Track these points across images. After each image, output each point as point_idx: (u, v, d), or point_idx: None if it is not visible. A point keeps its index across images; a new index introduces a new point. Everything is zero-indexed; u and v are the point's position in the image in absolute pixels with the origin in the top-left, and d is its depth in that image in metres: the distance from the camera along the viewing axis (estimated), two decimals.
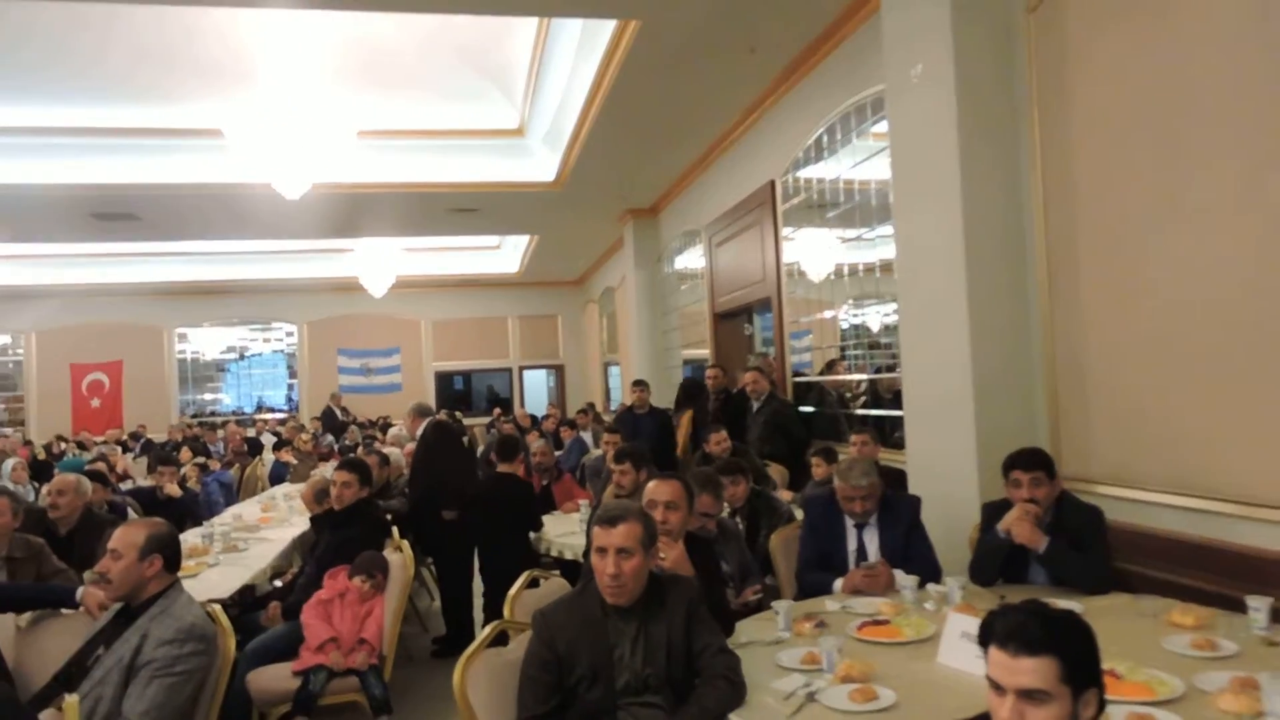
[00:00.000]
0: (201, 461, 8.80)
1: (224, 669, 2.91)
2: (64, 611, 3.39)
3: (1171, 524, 3.29)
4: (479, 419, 15.84)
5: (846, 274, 6.12)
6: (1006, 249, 3.98)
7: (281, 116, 6.49)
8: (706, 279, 9.08)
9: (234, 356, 17.57)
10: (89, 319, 16.15)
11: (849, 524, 3.57)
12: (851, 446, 5.17)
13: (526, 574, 3.34)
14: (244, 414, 17.21)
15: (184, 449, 9.78)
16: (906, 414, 4.52)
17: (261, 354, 17.74)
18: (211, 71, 7.51)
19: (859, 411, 6.09)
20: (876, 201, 5.50)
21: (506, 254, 16.10)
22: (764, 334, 8.39)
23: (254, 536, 5.62)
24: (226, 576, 4.57)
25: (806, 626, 2.85)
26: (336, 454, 10.51)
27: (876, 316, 5.92)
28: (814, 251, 6.67)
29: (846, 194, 5.94)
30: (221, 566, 4.80)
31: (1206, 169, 3.05)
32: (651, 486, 3.12)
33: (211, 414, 17.04)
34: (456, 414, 12.84)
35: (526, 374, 18.50)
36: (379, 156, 8.93)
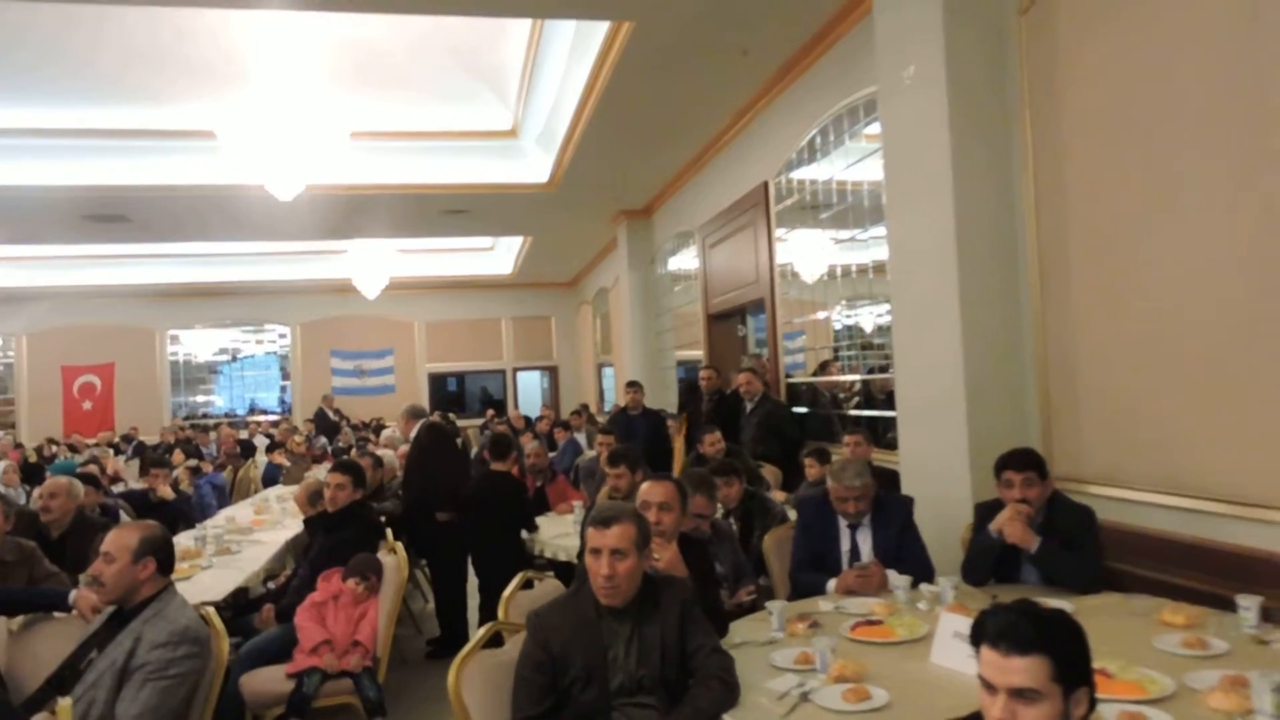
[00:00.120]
0: (194, 464, 8.78)
1: (217, 672, 2.91)
2: (56, 615, 3.38)
3: (1162, 523, 3.31)
4: (472, 420, 15.83)
5: (839, 275, 6.13)
6: (998, 250, 4.00)
7: (274, 118, 6.47)
8: (700, 280, 9.08)
9: (226, 358, 17.51)
10: (80, 321, 16.08)
11: (842, 524, 3.58)
12: (845, 447, 5.18)
13: (521, 575, 3.35)
14: (236, 416, 17.15)
15: (176, 451, 9.75)
16: (899, 414, 4.53)
17: (254, 356, 17.68)
18: (203, 72, 7.49)
19: (852, 412, 6.11)
20: (869, 203, 5.51)
21: (500, 255, 16.08)
22: (757, 335, 8.41)
23: (247, 539, 5.62)
24: (219, 579, 4.57)
25: (800, 627, 2.86)
26: (330, 456, 10.49)
27: (869, 317, 5.93)
28: (807, 253, 6.68)
29: (839, 195, 5.95)
30: (214, 569, 4.79)
31: (1196, 170, 3.07)
32: (645, 488, 3.13)
33: (204, 416, 16.98)
34: (450, 415, 12.83)
35: (520, 375, 18.49)
36: (372, 158, 8.92)
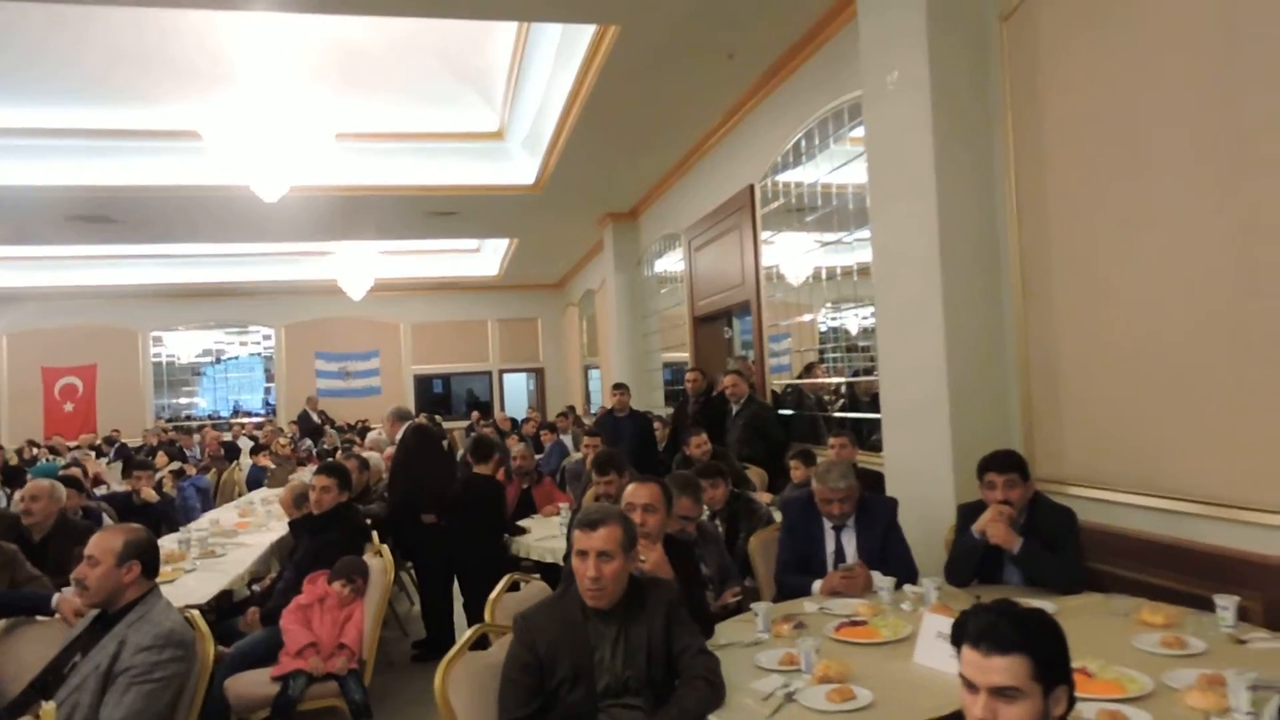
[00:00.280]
0: (177, 467, 8.73)
1: (202, 675, 2.90)
2: (39, 618, 3.36)
3: (1141, 524, 3.35)
4: (458, 422, 15.78)
5: (825, 277, 6.17)
6: (981, 254, 4.04)
7: (259, 119, 6.46)
8: (686, 282, 9.11)
9: (210, 360, 17.39)
10: (62, 322, 15.94)
11: (827, 526, 3.60)
12: (830, 449, 5.21)
13: (507, 577, 3.36)
14: (220, 418, 17.03)
15: (159, 454, 9.68)
16: (883, 417, 4.56)
17: (238, 357, 17.57)
18: (188, 73, 7.45)
19: (837, 414, 6.14)
20: (854, 206, 5.55)
21: (486, 257, 16.06)
22: (743, 337, 8.44)
23: (231, 542, 5.59)
24: (204, 582, 4.55)
25: (785, 628, 2.88)
26: (315, 458, 10.45)
27: (854, 320, 5.97)
28: (793, 255, 6.72)
29: (825, 198, 5.98)
30: (199, 572, 4.76)
31: (1176, 176, 3.10)
32: (630, 490, 3.14)
33: (187, 418, 16.86)
34: (437, 417, 12.80)
35: (506, 377, 18.45)
36: (357, 159, 8.90)
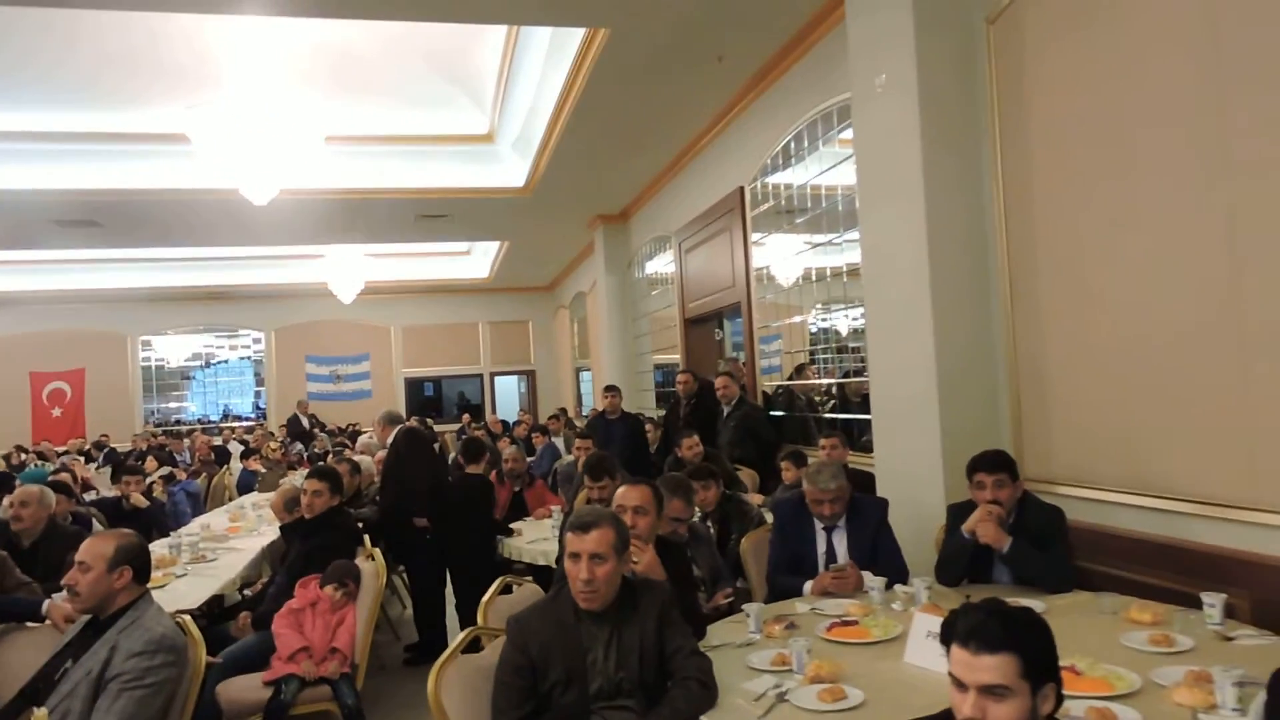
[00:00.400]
0: (167, 471, 8.69)
1: (194, 680, 2.90)
2: (29, 625, 3.34)
3: (1130, 523, 3.37)
4: (449, 425, 15.75)
5: (815, 279, 6.19)
6: (969, 255, 4.06)
7: (248, 122, 6.43)
8: (677, 284, 9.12)
9: (199, 364, 17.31)
10: (50, 326, 15.84)
11: (818, 527, 3.61)
12: (820, 450, 5.23)
13: (500, 580, 3.36)
14: (210, 422, 16.95)
15: (149, 458, 9.63)
16: (874, 417, 4.58)
17: (228, 361, 17.49)
18: (177, 76, 7.42)
19: (828, 415, 6.16)
20: (844, 207, 5.57)
21: (477, 259, 16.04)
22: (734, 339, 8.46)
23: (222, 546, 5.57)
24: (195, 587, 4.54)
25: (777, 628, 2.89)
26: (306, 462, 10.42)
27: (845, 321, 5.98)
28: (783, 257, 6.74)
29: (814, 200, 6.01)
30: (190, 577, 4.75)
31: (1160, 176, 3.13)
32: (621, 492, 3.15)
33: (176, 423, 16.77)
34: (428, 420, 12.79)
35: (498, 380, 18.44)
36: (348, 162, 8.88)
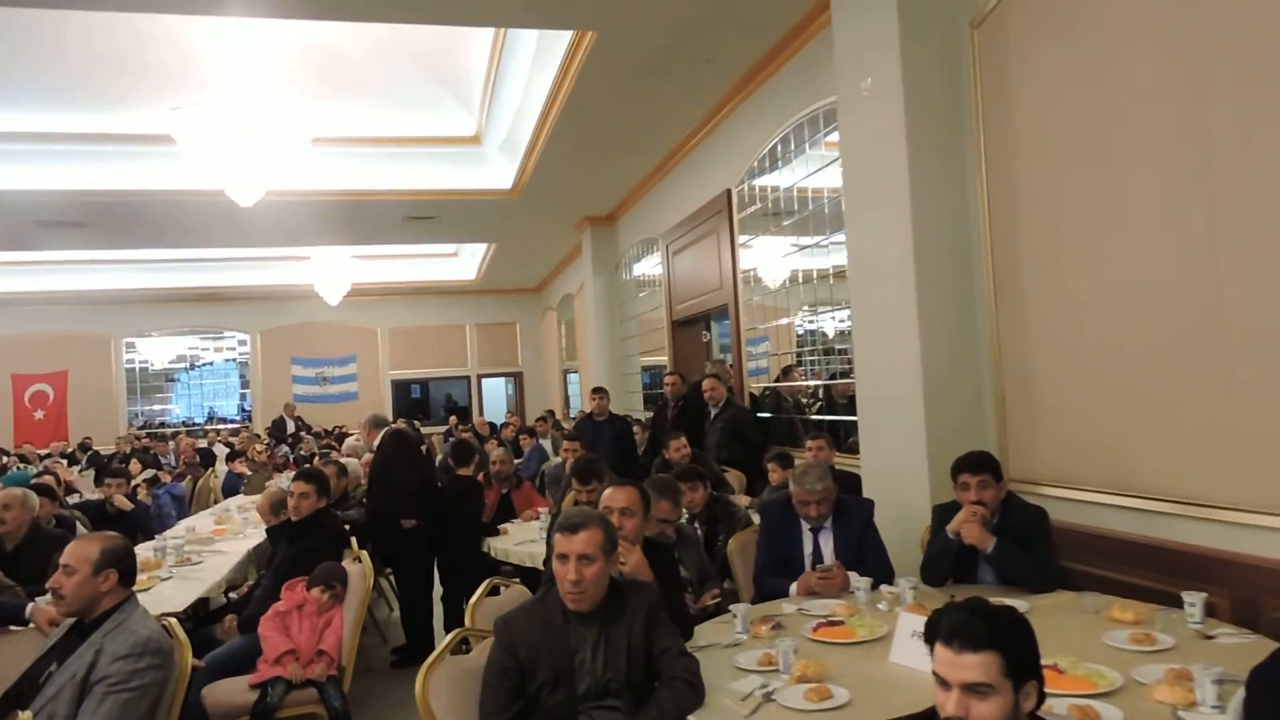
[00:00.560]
0: (151, 474, 8.63)
1: (180, 683, 2.88)
2: (13, 628, 3.33)
3: (1113, 523, 3.41)
4: (436, 428, 15.71)
5: (802, 281, 6.22)
6: (954, 257, 4.10)
7: (233, 123, 6.40)
8: (664, 286, 9.14)
9: (184, 366, 17.20)
10: (32, 328, 15.69)
11: (805, 528, 3.63)
12: (807, 451, 5.25)
13: (487, 582, 3.36)
14: (195, 425, 16.85)
15: (133, 461, 9.57)
16: (860, 419, 4.61)
17: (213, 363, 17.39)
18: (163, 77, 7.39)
19: (814, 417, 6.19)
20: (830, 210, 5.60)
21: (464, 261, 16.01)
22: (721, 341, 8.48)
23: (208, 549, 5.54)
24: (180, 590, 4.51)
25: (763, 629, 2.90)
26: (292, 464, 10.37)
27: (831, 323, 6.01)
28: (770, 259, 6.76)
29: (801, 202, 6.03)
30: (175, 580, 4.73)
31: (1141, 182, 3.16)
32: (607, 493, 3.16)
33: (161, 425, 16.66)
34: (415, 422, 12.75)
35: (485, 382, 18.40)
36: (334, 164, 8.86)
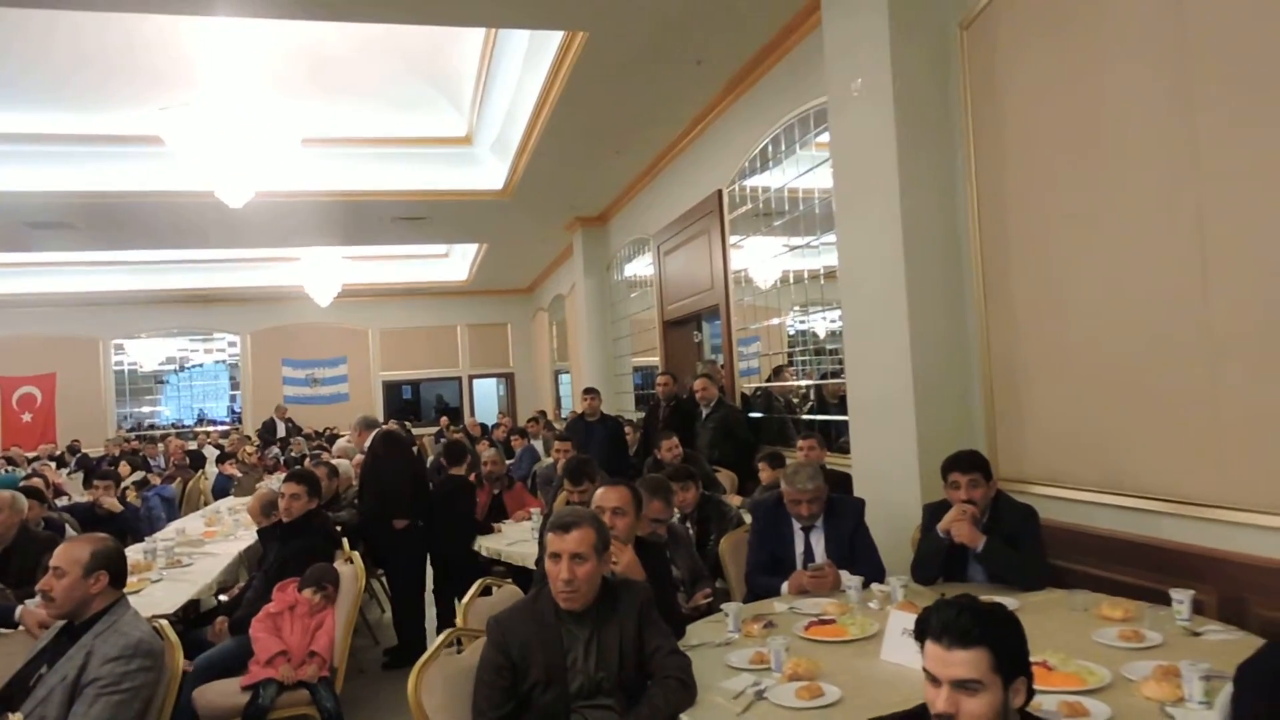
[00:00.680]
0: (141, 476, 8.59)
1: (171, 685, 2.88)
2: (2, 630, 3.31)
3: (1102, 522, 3.43)
4: (428, 429, 15.68)
5: (793, 281, 6.23)
6: (944, 257, 4.12)
7: (224, 123, 6.39)
8: (656, 287, 9.15)
9: (173, 368, 17.12)
10: (19, 330, 15.61)
11: (796, 527, 3.64)
12: (798, 451, 5.27)
13: (480, 582, 3.36)
14: (184, 426, 16.77)
15: (123, 463, 9.52)
16: (851, 418, 4.63)
17: (203, 365, 17.32)
18: (153, 77, 7.37)
19: (805, 416, 6.21)
20: (821, 210, 5.62)
21: (455, 262, 15.99)
22: (713, 341, 8.49)
23: (198, 551, 5.53)
24: (171, 592, 4.49)
25: (755, 627, 2.91)
26: (282, 466, 10.34)
27: (822, 323, 6.03)
28: (761, 259, 6.78)
29: (792, 203, 6.05)
30: (165, 582, 4.71)
31: (1129, 183, 3.19)
32: (600, 493, 3.16)
33: (150, 427, 16.58)
34: (407, 423, 12.71)
35: (476, 383, 18.38)
36: (324, 164, 8.84)
